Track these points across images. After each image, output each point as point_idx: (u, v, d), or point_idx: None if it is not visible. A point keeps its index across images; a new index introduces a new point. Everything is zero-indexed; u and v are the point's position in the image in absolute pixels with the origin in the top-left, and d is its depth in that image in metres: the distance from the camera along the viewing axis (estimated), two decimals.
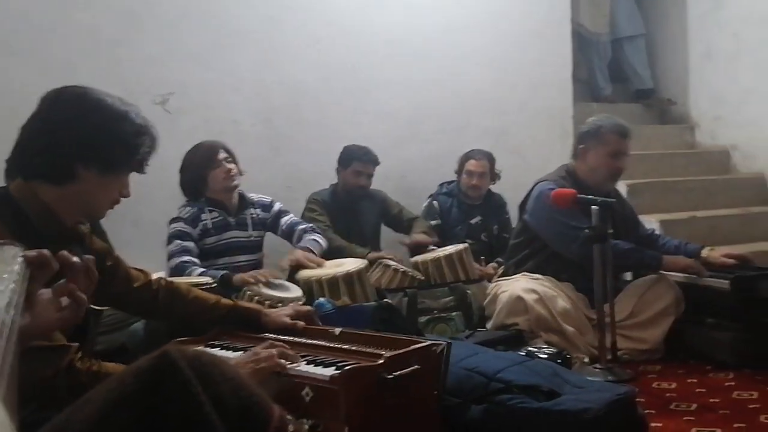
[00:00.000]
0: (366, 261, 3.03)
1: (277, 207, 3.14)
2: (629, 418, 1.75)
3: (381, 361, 1.44)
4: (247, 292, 2.52)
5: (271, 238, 3.19)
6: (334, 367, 1.46)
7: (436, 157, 4.11)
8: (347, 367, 1.42)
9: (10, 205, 1.41)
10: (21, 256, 0.79)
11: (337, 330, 1.73)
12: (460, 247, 3.40)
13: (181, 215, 2.89)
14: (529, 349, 2.39)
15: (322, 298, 2.58)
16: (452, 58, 4.25)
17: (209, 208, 2.94)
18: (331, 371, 1.44)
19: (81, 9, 3.38)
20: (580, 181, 2.98)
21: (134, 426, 0.64)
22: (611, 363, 2.51)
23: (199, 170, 2.93)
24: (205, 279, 2.51)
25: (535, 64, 4.46)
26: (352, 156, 3.59)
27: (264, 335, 1.76)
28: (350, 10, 4.01)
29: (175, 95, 3.56)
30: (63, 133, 1.42)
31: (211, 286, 2.41)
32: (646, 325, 2.87)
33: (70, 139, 1.42)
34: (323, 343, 1.66)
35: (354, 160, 3.58)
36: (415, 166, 4.12)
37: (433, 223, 3.81)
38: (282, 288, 2.64)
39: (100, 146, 1.43)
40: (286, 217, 3.13)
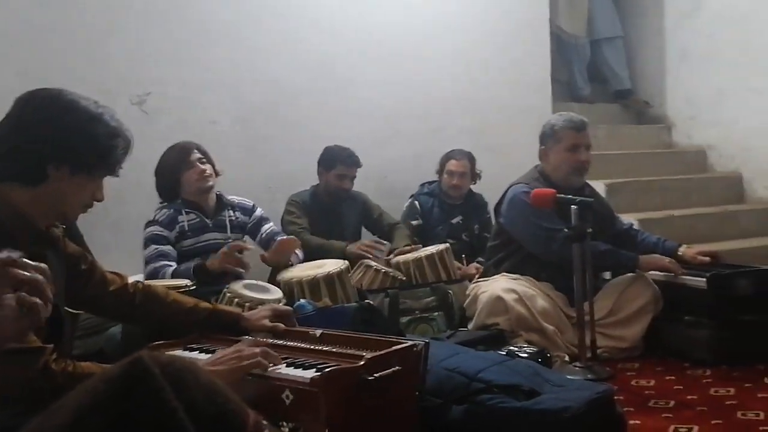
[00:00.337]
0: (347, 262, 3.02)
1: (258, 212, 3.09)
2: (608, 416, 1.76)
3: (362, 362, 1.43)
4: (227, 294, 2.50)
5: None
6: (315, 369, 1.45)
7: (417, 157, 4.12)
8: (327, 370, 1.41)
9: None
10: None
11: (318, 331, 1.72)
12: (441, 247, 3.41)
13: (157, 218, 2.84)
14: (510, 348, 2.41)
15: (303, 300, 2.58)
16: (432, 59, 4.26)
17: (186, 210, 2.88)
18: (311, 373, 1.42)
19: (57, 9, 3.33)
20: (552, 181, 3.01)
21: None
22: (591, 361, 2.53)
23: (173, 172, 2.88)
24: (182, 282, 2.49)
25: (515, 65, 4.48)
26: (335, 158, 3.54)
27: (243, 338, 1.74)
28: (330, 10, 4.00)
29: (152, 95, 3.53)
30: (35, 134, 1.40)
31: (189, 288, 2.38)
32: (625, 324, 2.90)
33: (43, 140, 1.40)
34: (304, 345, 1.65)
35: (338, 163, 3.53)
36: (395, 166, 4.12)
37: (415, 223, 3.81)
38: (262, 290, 2.62)
39: (73, 147, 1.42)
40: (267, 225, 3.09)
